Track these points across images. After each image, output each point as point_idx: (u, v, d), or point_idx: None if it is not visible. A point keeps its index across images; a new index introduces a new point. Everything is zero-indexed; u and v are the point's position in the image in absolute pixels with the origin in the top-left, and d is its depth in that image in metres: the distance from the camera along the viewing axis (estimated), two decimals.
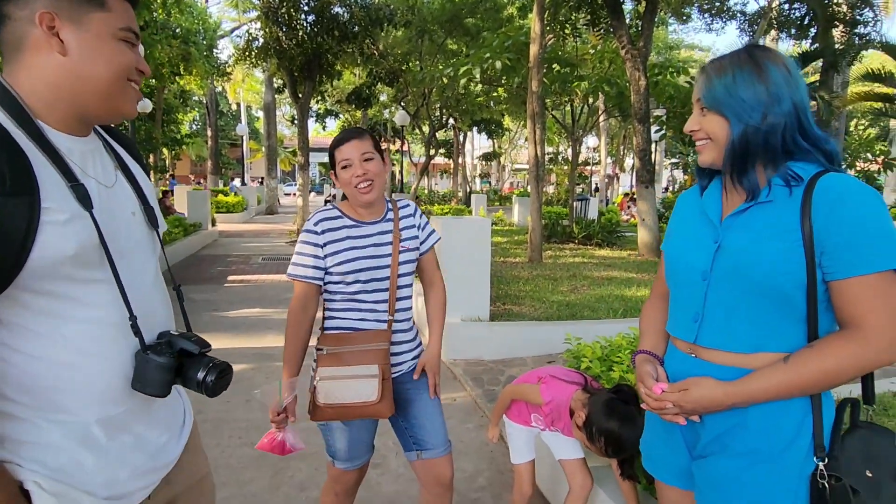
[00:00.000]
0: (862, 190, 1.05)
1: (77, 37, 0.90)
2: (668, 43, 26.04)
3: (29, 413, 0.87)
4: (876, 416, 2.99)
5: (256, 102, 35.52)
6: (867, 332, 1.02)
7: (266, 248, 11.69)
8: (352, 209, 1.78)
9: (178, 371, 0.97)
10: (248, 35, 13.32)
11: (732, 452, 1.14)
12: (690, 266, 1.21)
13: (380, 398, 1.64)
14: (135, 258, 1.00)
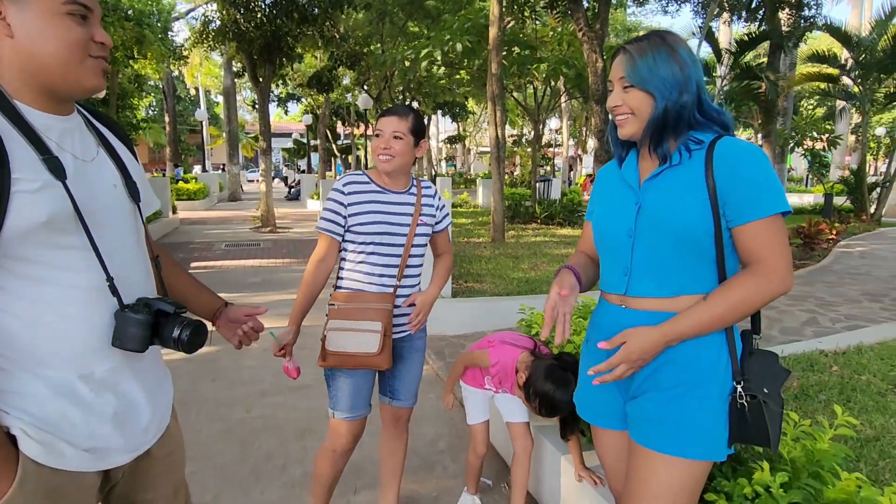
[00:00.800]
0: (751, 149, 1.23)
1: (21, 17, 0.93)
2: (627, 25, 26.38)
3: (13, 366, 0.96)
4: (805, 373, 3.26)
5: (215, 87, 34.61)
6: (766, 266, 1.19)
7: (229, 235, 11.58)
8: (378, 176, 1.93)
9: (155, 330, 1.05)
10: (204, 17, 13.00)
11: (663, 387, 1.28)
12: (617, 228, 1.35)
13: (380, 351, 1.81)
14: (114, 227, 1.06)
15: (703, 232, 1.23)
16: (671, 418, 1.26)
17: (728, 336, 1.27)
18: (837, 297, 5.51)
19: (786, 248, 1.20)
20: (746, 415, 1.24)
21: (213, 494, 2.45)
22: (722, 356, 1.27)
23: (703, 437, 1.24)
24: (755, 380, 1.26)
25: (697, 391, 1.26)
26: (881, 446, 2.36)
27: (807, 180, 27.21)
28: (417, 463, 2.74)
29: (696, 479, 1.26)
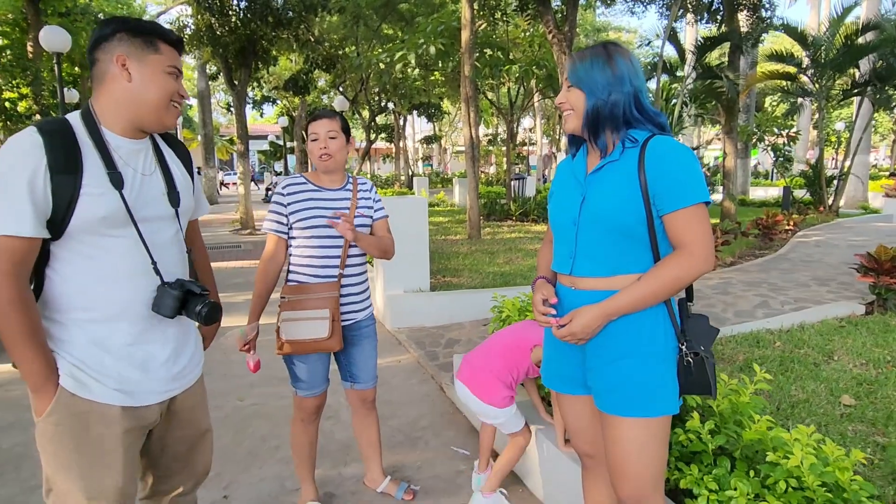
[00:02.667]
0: (678, 147, 1.40)
1: (139, 70, 1.31)
2: (596, 26, 26.91)
3: (64, 319, 1.29)
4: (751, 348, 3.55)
5: (188, 89, 34.24)
6: (691, 248, 1.36)
7: (209, 238, 11.64)
8: (316, 177, 2.16)
9: (183, 304, 1.36)
10: (178, 22, 13.01)
11: (612, 357, 1.44)
12: (565, 216, 1.54)
13: (330, 335, 2.03)
14: (158, 224, 1.39)
15: (636, 220, 1.41)
16: (625, 384, 1.43)
17: (667, 306, 1.45)
18: (789, 282, 5.91)
19: (707, 233, 1.37)
20: (692, 370, 1.43)
21: (216, 472, 2.67)
22: (661, 324, 1.44)
23: (654, 396, 1.41)
24: (693, 339, 1.45)
25: (642, 357, 1.43)
26: (810, 406, 2.68)
27: (772, 174, 28.09)
28: (402, 439, 2.99)
29: (660, 433, 1.43)
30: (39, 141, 1.21)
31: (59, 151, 1.21)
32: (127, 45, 1.30)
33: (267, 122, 42.20)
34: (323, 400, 2.25)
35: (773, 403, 2.71)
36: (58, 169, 1.20)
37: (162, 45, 1.34)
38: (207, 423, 1.61)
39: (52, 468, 1.31)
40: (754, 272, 6.62)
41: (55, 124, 1.26)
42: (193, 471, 1.59)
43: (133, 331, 1.33)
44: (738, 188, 19.02)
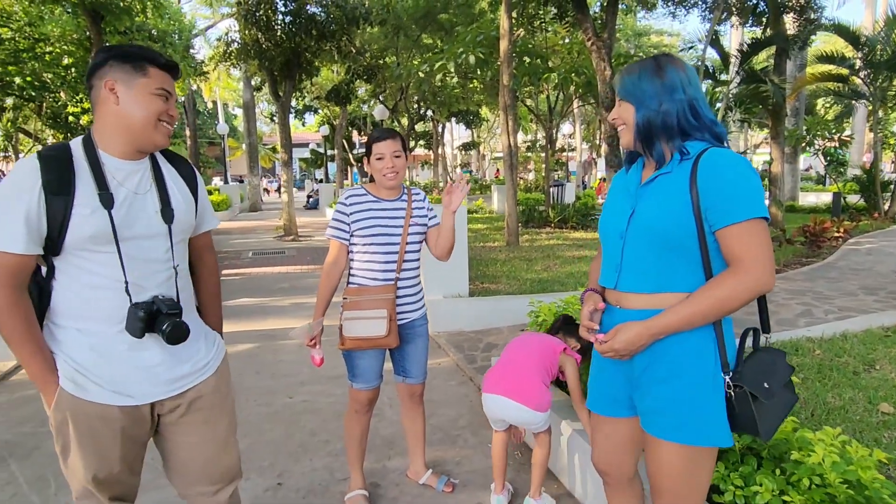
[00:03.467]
0: (733, 159, 1.35)
1: (126, 93, 1.40)
2: (637, 30, 26.62)
3: (65, 323, 1.42)
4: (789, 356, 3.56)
5: (233, 100, 35.50)
6: (746, 265, 1.29)
7: (255, 244, 12.10)
8: (376, 189, 2.34)
9: (150, 324, 1.42)
10: (226, 37, 13.59)
11: (659, 379, 1.41)
12: (613, 229, 1.52)
13: (387, 333, 2.22)
14: (147, 242, 1.46)
15: (686, 234, 1.36)
16: (671, 407, 1.40)
17: (716, 330, 1.38)
18: (835, 291, 5.79)
19: (764, 249, 1.30)
20: (733, 403, 1.36)
21: (269, 462, 2.87)
22: (709, 348, 1.38)
23: (699, 424, 1.37)
24: (752, 374, 1.37)
25: (688, 380, 1.38)
26: (845, 413, 2.70)
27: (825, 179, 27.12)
28: (441, 437, 3.14)
29: (700, 463, 1.40)
30: (37, 165, 1.34)
31: (53, 174, 1.34)
32: (117, 71, 1.40)
33: (308, 130, 43.18)
34: (376, 394, 2.43)
35: (807, 409, 2.73)
36: (51, 190, 1.33)
37: (151, 68, 1.43)
38: (224, 432, 1.65)
39: (60, 450, 1.47)
40: (799, 281, 6.50)
41: (54, 150, 1.40)
42: (212, 479, 1.62)
43: (127, 338, 1.43)
44: (787, 194, 18.52)
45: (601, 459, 1.69)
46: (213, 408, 1.61)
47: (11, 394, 3.86)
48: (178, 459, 1.61)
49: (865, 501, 1.56)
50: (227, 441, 1.66)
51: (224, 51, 13.44)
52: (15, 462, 2.91)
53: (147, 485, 1.91)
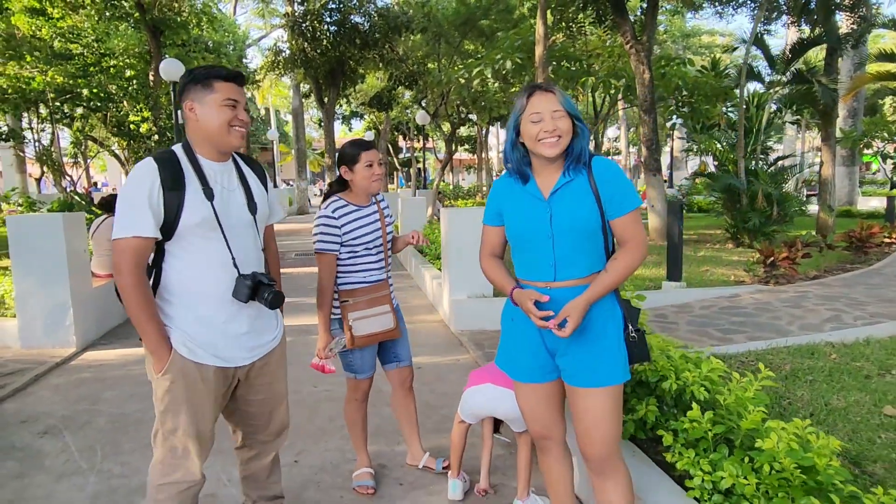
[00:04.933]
0: (613, 164, 1.77)
1: (201, 110, 1.71)
2: (685, 31, 26.06)
3: (176, 300, 1.74)
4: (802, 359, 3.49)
5: (284, 106, 36.71)
6: (632, 244, 1.73)
7: (298, 246, 12.57)
8: (354, 198, 2.50)
9: (255, 292, 1.75)
10: (275, 47, 14.21)
11: (583, 341, 1.74)
12: (536, 232, 1.75)
13: (395, 325, 2.49)
14: (239, 228, 1.79)
15: (597, 226, 1.74)
16: (594, 362, 1.74)
17: (617, 294, 1.81)
18: (872, 297, 5.63)
19: (642, 231, 1.75)
20: (637, 343, 1.80)
21: (289, 442, 3.07)
22: (615, 309, 1.79)
23: (615, 368, 1.75)
24: (632, 319, 1.82)
25: (605, 338, 1.75)
26: (846, 414, 2.71)
27: (892, 183, 25.77)
28: (450, 426, 3.29)
29: (619, 398, 1.78)
30: (154, 166, 1.65)
31: (168, 173, 1.65)
32: (192, 92, 1.71)
33: (356, 135, 44.20)
34: (372, 382, 2.65)
35: (806, 409, 2.76)
36: (167, 186, 1.64)
37: (217, 83, 1.70)
38: (282, 392, 2.02)
39: (163, 412, 1.74)
40: (836, 287, 6.34)
41: (165, 154, 1.71)
42: (272, 429, 2.03)
43: (224, 312, 1.75)
44: (844, 198, 17.73)
45: (539, 425, 1.93)
46: (276, 372, 1.98)
47: (69, 376, 4.26)
48: (246, 413, 1.97)
49: (817, 486, 1.64)
50: (283, 399, 2.04)
51: (273, 60, 14.08)
52: (69, 434, 3.27)
53: None
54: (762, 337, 4.31)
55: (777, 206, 9.70)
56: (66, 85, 12.89)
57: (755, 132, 10.96)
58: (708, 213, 15.93)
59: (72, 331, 4.91)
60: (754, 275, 6.79)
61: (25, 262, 4.83)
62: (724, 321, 4.98)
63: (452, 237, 5.49)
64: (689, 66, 12.60)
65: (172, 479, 1.77)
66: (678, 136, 25.83)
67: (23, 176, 20.52)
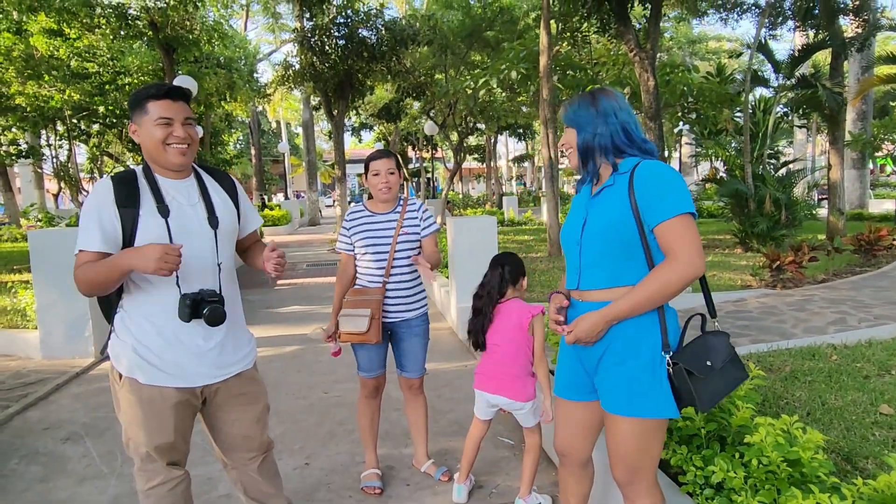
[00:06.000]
0: (661, 167, 1.58)
1: (140, 132, 1.76)
2: (691, 38, 26.10)
3: (137, 315, 1.75)
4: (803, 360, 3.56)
5: (295, 119, 37.14)
6: (677, 255, 1.49)
7: (310, 257, 12.75)
8: (373, 205, 2.68)
9: (196, 309, 1.70)
10: (285, 61, 14.46)
11: (613, 362, 1.61)
12: (571, 237, 1.74)
13: (367, 330, 2.51)
14: (195, 244, 1.75)
15: (630, 235, 1.58)
16: (621, 386, 1.59)
17: (660, 315, 1.58)
18: (879, 300, 5.64)
19: (692, 240, 1.49)
20: (672, 379, 1.55)
21: (299, 446, 3.22)
22: (654, 332, 1.58)
23: (646, 399, 1.56)
24: (695, 353, 1.56)
25: (636, 361, 1.57)
26: (842, 413, 2.76)
27: None
28: (457, 429, 3.40)
29: (651, 433, 1.59)
30: (109, 184, 1.71)
31: (122, 191, 1.71)
32: (134, 116, 1.76)
33: (366, 146, 44.51)
34: (381, 381, 2.74)
35: (802, 409, 2.82)
36: (121, 203, 1.69)
37: (149, 104, 1.72)
38: (259, 411, 1.96)
39: (126, 424, 1.80)
40: (843, 290, 6.35)
41: (123, 173, 1.77)
42: (252, 446, 1.97)
43: (176, 326, 1.73)
44: (856, 201, 17.62)
45: (562, 441, 1.88)
46: (250, 392, 1.96)
47: (89, 385, 4.41)
48: (222, 432, 1.95)
49: (802, 478, 1.72)
50: (261, 420, 1.99)
51: (283, 74, 14.32)
52: (90, 440, 3.40)
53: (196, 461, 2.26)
54: (766, 340, 4.36)
55: (785, 211, 9.70)
56: (82, 102, 13.22)
57: (762, 137, 10.98)
58: (717, 219, 15.92)
59: (91, 341, 5.07)
60: (761, 279, 6.82)
61: (46, 276, 5.00)
62: (728, 325, 5.03)
63: (459, 246, 5.59)
64: (694, 73, 12.66)
65: (156, 483, 1.82)
66: (686, 141, 25.83)
67: (41, 192, 20.97)
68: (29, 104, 12.79)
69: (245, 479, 2.02)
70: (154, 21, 11.34)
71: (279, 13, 24.05)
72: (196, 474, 2.71)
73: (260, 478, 2.01)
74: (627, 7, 10.97)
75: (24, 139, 16.51)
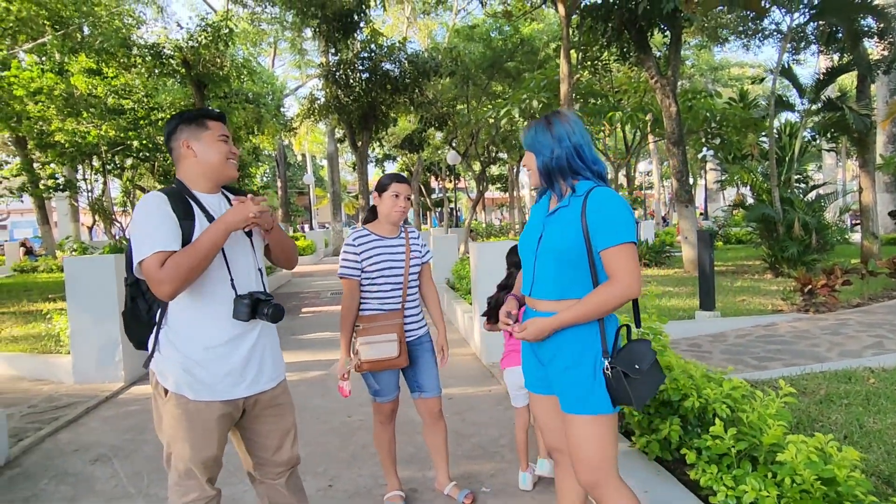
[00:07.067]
0: (612, 197, 1.73)
1: (198, 145, 1.82)
2: (713, 64, 26.12)
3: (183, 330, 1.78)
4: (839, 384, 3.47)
5: (320, 152, 37.96)
6: (618, 278, 1.68)
7: (334, 285, 12.83)
8: (378, 228, 2.67)
9: (254, 309, 1.79)
10: (311, 95, 14.88)
11: (560, 367, 1.78)
12: (528, 249, 1.89)
13: (399, 354, 2.51)
14: (237, 250, 1.85)
15: (578, 254, 1.75)
16: (568, 389, 1.76)
17: (600, 327, 1.75)
18: None
19: (631, 267, 1.68)
20: (612, 382, 1.71)
21: (323, 468, 3.21)
22: (595, 341, 1.75)
23: (589, 398, 1.72)
24: (627, 359, 1.72)
25: (579, 367, 1.74)
26: (881, 436, 2.66)
27: None
28: (480, 453, 3.35)
29: (602, 427, 1.73)
30: (164, 198, 1.74)
31: (178, 205, 1.75)
32: (186, 132, 1.81)
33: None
34: (396, 404, 2.71)
35: (839, 432, 2.72)
36: (180, 216, 1.74)
37: (209, 122, 1.82)
38: (289, 425, 2.00)
39: (170, 439, 1.82)
40: (880, 314, 6.16)
41: (170, 190, 1.81)
42: (281, 459, 2.00)
43: (227, 336, 1.79)
44: (891, 225, 17.17)
45: (549, 436, 1.97)
46: (282, 406, 2.00)
47: (118, 409, 4.48)
48: (255, 444, 1.98)
49: (838, 497, 1.65)
50: (291, 432, 2.03)
51: (308, 108, 14.72)
52: (118, 461, 3.44)
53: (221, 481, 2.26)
54: (799, 364, 4.23)
55: (816, 235, 9.51)
56: (117, 138, 13.75)
57: (788, 161, 10.85)
58: (746, 245, 15.63)
59: (120, 366, 5.17)
60: (792, 303, 6.65)
61: (80, 302, 5.14)
62: (759, 349, 4.90)
63: (481, 271, 5.60)
64: (717, 98, 12.64)
65: (190, 499, 1.83)
66: (711, 167, 25.61)
67: (76, 224, 21.67)
68: (67, 140, 13.35)
69: (272, 494, 2.03)
70: (186, 59, 11.83)
71: (305, 49, 24.88)
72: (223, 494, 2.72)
73: (287, 492, 2.03)
74: (647, 35, 11.10)
75: (61, 173, 17.17)
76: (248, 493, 2.78)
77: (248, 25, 20.04)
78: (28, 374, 5.52)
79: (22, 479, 3.26)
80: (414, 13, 23.51)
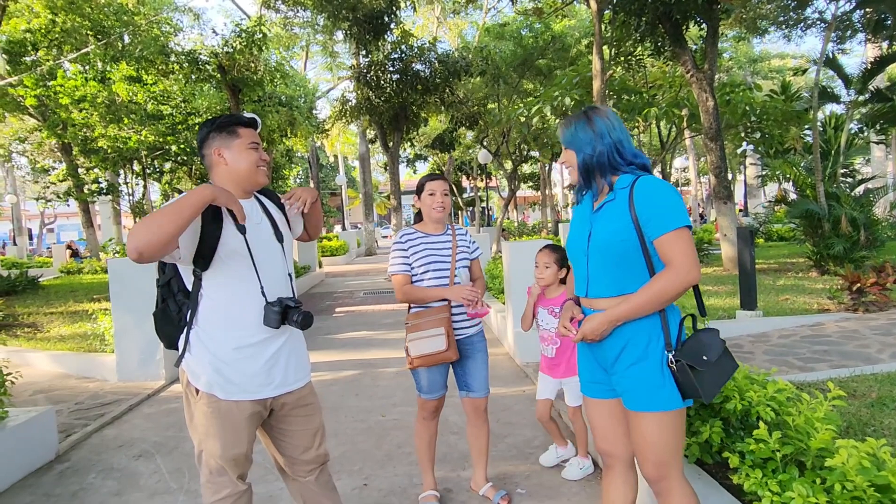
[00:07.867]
0: (659, 183, 1.69)
1: (229, 154, 1.85)
2: (753, 56, 25.35)
3: (214, 330, 1.80)
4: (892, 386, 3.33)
5: (352, 153, 38.34)
6: (674, 265, 1.63)
7: (367, 285, 12.95)
8: (424, 227, 2.70)
9: (284, 316, 1.81)
10: (342, 97, 15.04)
11: (625, 364, 1.72)
12: (578, 249, 1.85)
13: (447, 348, 2.50)
14: (268, 257, 1.88)
15: (632, 247, 1.70)
16: (635, 385, 1.71)
17: (661, 319, 1.70)
18: None
19: (688, 251, 1.62)
20: (677, 375, 1.66)
21: (358, 467, 3.23)
22: (658, 335, 1.69)
23: (658, 394, 1.67)
24: (693, 350, 1.67)
25: (644, 363, 1.69)
26: None
27: None
28: (515, 453, 3.32)
29: (670, 423, 1.69)
30: None
31: (207, 209, 1.73)
32: (218, 140, 1.84)
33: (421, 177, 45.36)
34: (442, 402, 2.71)
35: (893, 437, 2.59)
36: (207, 220, 1.76)
37: (240, 129, 1.85)
38: (317, 425, 2.04)
39: (201, 436, 1.85)
40: None
41: None
42: (310, 457, 2.02)
43: (253, 339, 1.81)
44: None
45: (602, 440, 1.91)
46: (310, 406, 2.03)
47: (160, 406, 4.61)
48: (283, 443, 2.01)
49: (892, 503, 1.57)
50: (319, 431, 2.06)
51: (340, 109, 14.88)
52: (160, 457, 3.53)
53: (257, 479, 2.31)
54: (848, 366, 4.07)
55: (864, 231, 9.13)
56: (157, 142, 14.17)
57: (834, 154, 10.45)
58: (789, 242, 15.15)
59: (161, 365, 5.31)
60: (839, 302, 6.40)
61: (123, 301, 5.31)
62: (805, 350, 4.73)
63: (514, 271, 5.56)
64: (757, 91, 12.26)
65: (223, 495, 1.86)
66: (751, 162, 24.87)
67: (118, 227, 22.42)
68: (110, 146, 13.81)
69: (304, 491, 2.06)
70: (222, 64, 12.10)
71: (336, 52, 25.15)
72: (258, 492, 2.77)
73: (318, 489, 2.06)
74: (682, 29, 10.84)
75: (104, 178, 17.79)
76: (285, 492, 2.81)
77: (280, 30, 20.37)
78: (75, 371, 5.73)
79: (70, 474, 3.38)
80: (444, 13, 23.53)
